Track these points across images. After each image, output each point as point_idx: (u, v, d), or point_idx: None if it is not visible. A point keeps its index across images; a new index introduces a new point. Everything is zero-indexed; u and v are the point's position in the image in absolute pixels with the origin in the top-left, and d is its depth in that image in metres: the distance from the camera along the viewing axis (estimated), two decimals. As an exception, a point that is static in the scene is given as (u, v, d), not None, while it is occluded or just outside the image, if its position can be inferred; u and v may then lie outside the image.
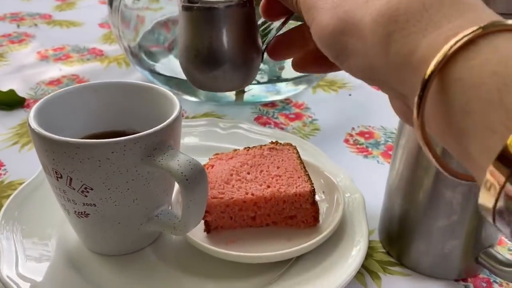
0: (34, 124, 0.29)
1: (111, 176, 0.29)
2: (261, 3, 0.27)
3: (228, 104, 0.58)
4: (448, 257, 0.33)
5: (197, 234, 0.35)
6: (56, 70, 0.69)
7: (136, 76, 0.67)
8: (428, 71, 0.16)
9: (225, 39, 0.27)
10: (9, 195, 0.42)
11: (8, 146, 0.50)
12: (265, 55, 0.30)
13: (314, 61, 0.28)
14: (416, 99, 0.17)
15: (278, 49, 0.29)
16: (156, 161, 0.29)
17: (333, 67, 0.25)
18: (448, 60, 0.16)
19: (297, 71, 0.29)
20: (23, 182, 0.43)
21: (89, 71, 0.68)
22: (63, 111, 0.34)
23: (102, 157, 0.28)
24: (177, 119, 0.31)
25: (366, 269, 0.35)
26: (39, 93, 0.62)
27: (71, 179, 0.29)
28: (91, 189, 0.29)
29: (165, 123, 0.30)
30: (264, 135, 0.47)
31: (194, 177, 0.28)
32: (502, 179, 0.14)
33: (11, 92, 0.57)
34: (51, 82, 0.65)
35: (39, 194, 0.38)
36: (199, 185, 0.29)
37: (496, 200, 0.15)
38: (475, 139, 0.15)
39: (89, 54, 0.75)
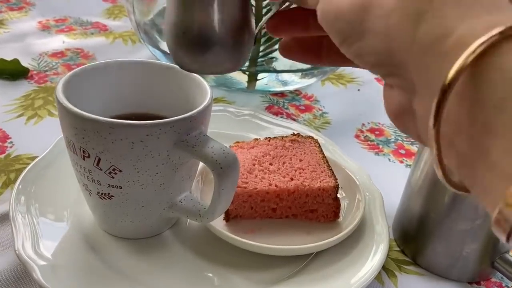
0: (63, 100, 0.28)
1: (142, 159, 0.28)
2: None
3: (238, 91, 0.57)
4: (465, 260, 0.34)
5: (216, 221, 0.34)
6: (59, 42, 0.66)
7: (143, 54, 0.65)
8: (466, 53, 0.14)
9: (217, 16, 0.25)
10: (17, 169, 0.41)
11: (13, 118, 0.48)
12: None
13: (303, 47, 0.26)
14: (441, 86, 0.15)
15: (280, 24, 0.26)
16: (190, 147, 0.28)
17: (320, 59, 0.25)
18: (489, 48, 0.14)
19: (283, 56, 0.27)
20: (31, 157, 0.42)
21: (94, 46, 0.66)
22: (88, 88, 0.32)
23: (136, 139, 0.27)
24: (210, 105, 0.30)
25: (382, 267, 0.35)
26: (42, 65, 0.59)
27: (99, 159, 0.28)
28: (120, 171, 0.28)
29: (200, 108, 0.29)
30: (282, 127, 0.47)
31: (228, 166, 0.28)
32: None
33: (15, 61, 0.55)
34: (55, 54, 0.63)
35: (52, 171, 0.37)
36: (232, 174, 0.28)
37: None
38: (503, 139, 0.14)
39: (93, 28, 0.73)
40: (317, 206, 0.35)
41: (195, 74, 0.33)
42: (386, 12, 0.17)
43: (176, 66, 0.34)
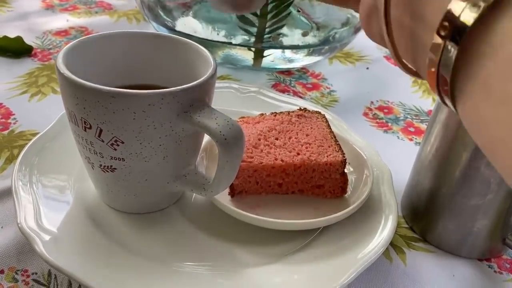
0: (64, 69, 0.27)
1: (145, 130, 0.27)
2: None
3: (244, 68, 0.56)
4: (476, 236, 0.33)
5: (221, 196, 0.33)
6: (63, 21, 0.65)
7: (148, 33, 0.64)
8: None
9: None
10: (20, 145, 0.40)
11: (16, 95, 0.47)
12: None
13: None
14: None
15: None
16: (193, 118, 0.27)
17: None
18: None
19: None
20: (35, 133, 0.42)
21: (99, 24, 0.65)
22: (89, 59, 0.32)
23: (138, 109, 0.26)
24: (214, 76, 0.30)
25: (390, 244, 0.34)
26: (46, 43, 0.59)
27: (101, 130, 0.27)
28: (122, 142, 0.28)
29: (203, 78, 0.28)
30: (288, 103, 0.46)
31: (233, 137, 0.27)
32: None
33: (19, 39, 0.55)
34: (59, 33, 0.62)
35: (55, 145, 0.36)
36: (237, 146, 0.27)
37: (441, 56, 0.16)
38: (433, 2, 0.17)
39: (97, 7, 0.71)
40: (324, 181, 0.34)
41: (198, 45, 0.32)
42: None
43: (181, 38, 0.33)
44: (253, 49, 0.53)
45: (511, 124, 0.15)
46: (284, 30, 0.53)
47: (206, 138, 0.33)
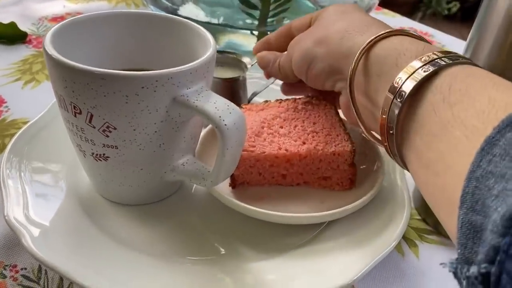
0: (51, 50, 0.25)
1: (139, 115, 0.25)
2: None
3: (247, 54, 0.54)
4: (494, 230, 0.31)
5: (222, 188, 0.32)
6: (59, 7, 0.63)
7: (147, 19, 0.62)
8: (359, 51, 0.26)
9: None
10: (12, 134, 0.38)
11: (9, 82, 0.45)
12: None
13: (296, 88, 0.37)
14: (351, 67, 0.27)
15: (289, 89, 0.37)
16: (190, 102, 0.25)
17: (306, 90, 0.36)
18: (371, 45, 0.26)
19: (285, 94, 0.38)
20: (27, 121, 0.40)
21: (96, 10, 0.63)
22: (80, 40, 0.30)
23: (131, 92, 0.24)
24: (212, 57, 0.28)
25: (402, 237, 0.32)
26: (42, 29, 0.57)
27: (91, 115, 0.25)
28: (114, 128, 0.26)
29: (201, 60, 0.26)
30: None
31: (233, 123, 0.25)
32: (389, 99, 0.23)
33: (13, 24, 0.53)
34: (55, 19, 0.60)
35: (46, 134, 0.34)
36: (238, 132, 0.25)
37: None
38: (383, 92, 0.24)
39: (95, -8, 0.69)
40: (331, 173, 0.32)
41: (197, 25, 0.30)
42: (328, 43, 0.29)
43: (178, 17, 0.31)
44: (256, 33, 0.51)
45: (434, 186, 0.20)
46: (287, 13, 0.50)
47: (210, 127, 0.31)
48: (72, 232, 0.28)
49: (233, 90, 0.39)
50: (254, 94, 0.41)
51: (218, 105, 0.25)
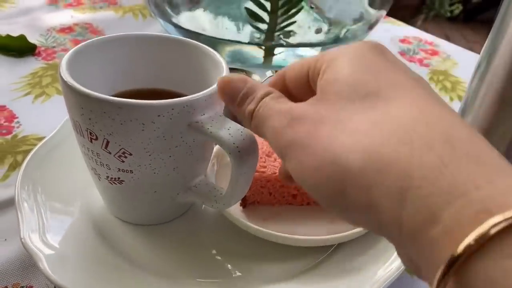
0: (68, 78, 0.26)
1: (154, 141, 0.26)
2: None
3: (254, 66, 0.54)
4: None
5: (232, 208, 0.32)
6: (67, 17, 0.64)
7: (153, 28, 0.62)
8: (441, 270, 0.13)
9: None
10: (24, 151, 0.39)
11: (20, 97, 0.46)
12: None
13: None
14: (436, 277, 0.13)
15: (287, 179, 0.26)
16: (205, 128, 0.26)
17: None
18: (476, 251, 0.12)
19: (284, 183, 0.30)
20: (38, 138, 0.40)
21: (103, 20, 0.64)
22: (93, 63, 0.30)
23: (147, 120, 0.25)
24: (226, 82, 0.28)
25: (411, 256, 0.33)
26: (50, 40, 0.57)
27: (108, 142, 0.26)
28: (130, 154, 0.26)
29: (215, 86, 0.27)
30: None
31: (247, 149, 0.25)
32: None
33: (22, 37, 0.53)
34: (63, 30, 0.60)
35: (59, 154, 0.35)
36: (251, 157, 0.26)
37: None
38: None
39: (102, 2, 0.70)
40: (341, 192, 0.33)
41: (210, 49, 0.31)
42: (365, 188, 0.15)
43: (190, 40, 0.31)
44: (263, 46, 0.51)
45: None
46: (294, 27, 0.51)
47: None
48: (87, 254, 0.29)
49: None
50: None
51: (231, 131, 0.25)
